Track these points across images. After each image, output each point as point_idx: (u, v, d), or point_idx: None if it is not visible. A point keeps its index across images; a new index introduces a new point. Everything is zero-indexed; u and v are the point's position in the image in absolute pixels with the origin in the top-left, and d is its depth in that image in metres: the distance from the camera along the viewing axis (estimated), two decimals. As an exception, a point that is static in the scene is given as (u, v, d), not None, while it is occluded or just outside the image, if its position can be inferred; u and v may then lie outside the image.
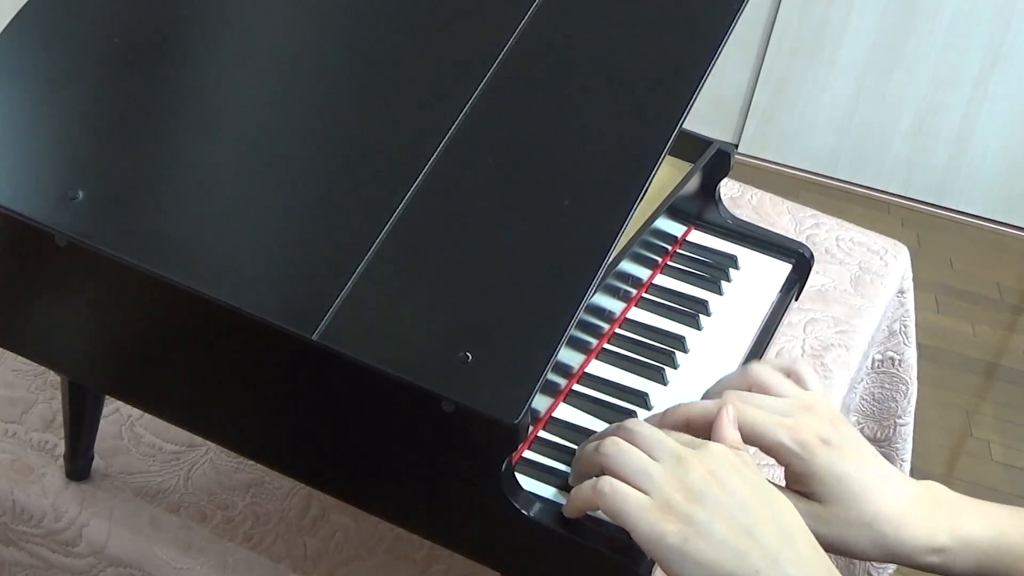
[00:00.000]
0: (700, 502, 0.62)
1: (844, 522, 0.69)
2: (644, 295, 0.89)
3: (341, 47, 0.79)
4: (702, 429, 0.69)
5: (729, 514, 0.62)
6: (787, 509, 0.65)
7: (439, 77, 0.76)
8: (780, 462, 0.70)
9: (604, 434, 0.68)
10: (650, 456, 0.64)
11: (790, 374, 0.75)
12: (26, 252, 0.71)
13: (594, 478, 0.65)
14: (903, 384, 1.29)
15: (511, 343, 0.65)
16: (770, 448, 0.70)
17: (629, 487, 0.63)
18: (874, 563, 1.22)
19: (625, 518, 0.62)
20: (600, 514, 0.65)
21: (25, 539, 0.83)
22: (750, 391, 0.73)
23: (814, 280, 1.20)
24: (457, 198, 0.70)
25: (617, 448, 0.65)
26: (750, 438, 0.69)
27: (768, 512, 0.63)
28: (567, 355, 0.76)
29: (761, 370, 0.74)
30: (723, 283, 0.93)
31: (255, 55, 0.79)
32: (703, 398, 0.76)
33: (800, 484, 0.70)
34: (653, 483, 0.63)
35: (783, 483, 0.72)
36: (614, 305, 0.85)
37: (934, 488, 0.73)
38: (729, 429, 0.69)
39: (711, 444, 0.66)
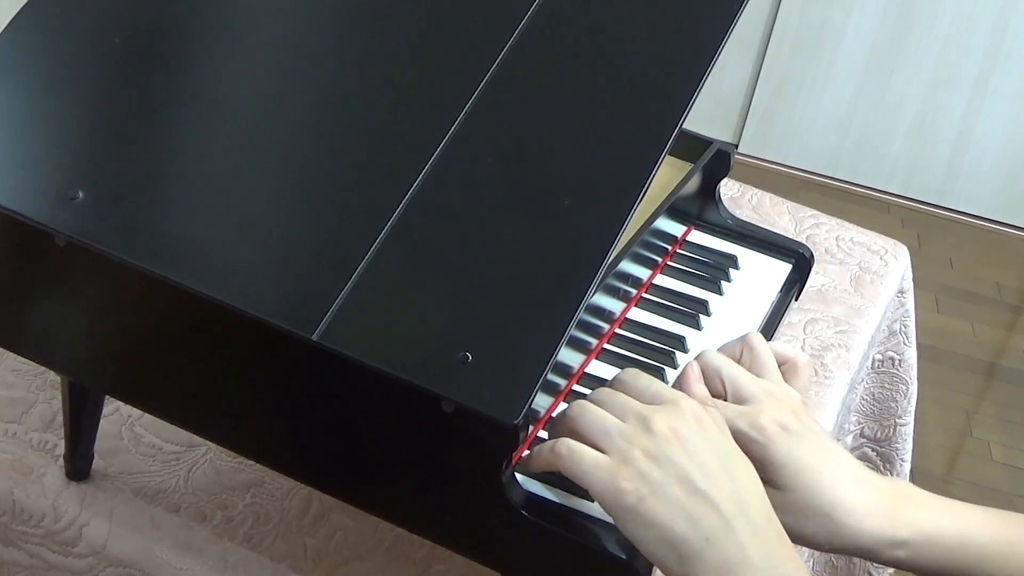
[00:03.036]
0: (657, 461, 0.62)
1: (802, 511, 0.68)
2: (644, 295, 0.89)
3: (341, 47, 0.79)
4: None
5: (686, 476, 0.61)
6: (746, 474, 0.64)
7: (439, 77, 0.76)
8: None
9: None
10: (615, 416, 0.64)
11: (785, 362, 0.75)
12: (26, 252, 0.71)
13: (553, 440, 0.65)
14: (903, 384, 1.29)
15: (511, 343, 0.65)
16: None
17: (587, 447, 0.63)
18: (874, 563, 1.22)
19: (581, 476, 0.63)
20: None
21: (25, 539, 0.83)
22: (739, 358, 0.73)
23: (814, 280, 1.20)
24: (457, 198, 0.70)
25: (581, 409, 0.65)
26: None
27: (726, 476, 0.63)
28: (567, 355, 0.76)
29: (758, 343, 0.74)
30: (723, 283, 0.93)
31: (255, 55, 0.79)
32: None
33: (759, 471, 0.68)
34: (612, 440, 0.63)
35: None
36: (614, 305, 0.85)
37: (900, 484, 0.72)
38: (695, 384, 0.69)
39: (681, 400, 0.65)
